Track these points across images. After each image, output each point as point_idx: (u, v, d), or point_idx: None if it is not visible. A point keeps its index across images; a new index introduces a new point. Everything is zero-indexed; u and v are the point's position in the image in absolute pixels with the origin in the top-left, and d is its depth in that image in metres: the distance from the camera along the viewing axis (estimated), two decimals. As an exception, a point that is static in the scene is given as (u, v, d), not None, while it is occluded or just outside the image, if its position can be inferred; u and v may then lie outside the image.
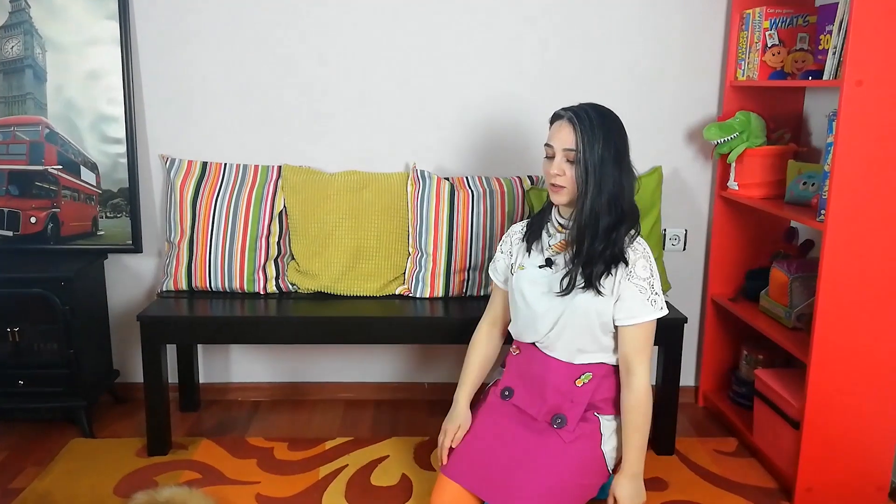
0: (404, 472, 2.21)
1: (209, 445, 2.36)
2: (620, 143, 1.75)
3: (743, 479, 2.21)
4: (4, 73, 2.44)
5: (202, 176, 2.47)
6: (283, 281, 2.47)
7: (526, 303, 1.85)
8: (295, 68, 2.51)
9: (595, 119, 1.72)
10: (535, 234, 1.89)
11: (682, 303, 2.58)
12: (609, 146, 1.71)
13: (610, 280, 1.75)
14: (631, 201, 1.78)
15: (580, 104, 1.77)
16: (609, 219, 1.72)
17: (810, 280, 2.19)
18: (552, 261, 1.83)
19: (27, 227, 2.50)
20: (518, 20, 2.49)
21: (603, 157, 1.70)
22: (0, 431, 2.45)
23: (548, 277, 1.82)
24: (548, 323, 1.82)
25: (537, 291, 1.83)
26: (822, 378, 1.98)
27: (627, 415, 1.77)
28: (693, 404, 2.76)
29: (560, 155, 1.74)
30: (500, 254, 1.99)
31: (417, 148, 2.56)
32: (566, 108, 1.76)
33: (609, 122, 1.74)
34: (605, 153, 1.70)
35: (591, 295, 1.75)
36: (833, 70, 1.94)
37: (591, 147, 1.70)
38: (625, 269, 1.74)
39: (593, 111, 1.74)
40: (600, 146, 1.70)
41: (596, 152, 1.70)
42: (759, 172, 2.36)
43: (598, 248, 1.72)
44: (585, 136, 1.70)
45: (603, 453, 1.82)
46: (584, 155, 1.70)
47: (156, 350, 2.23)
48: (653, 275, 1.77)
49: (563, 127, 1.74)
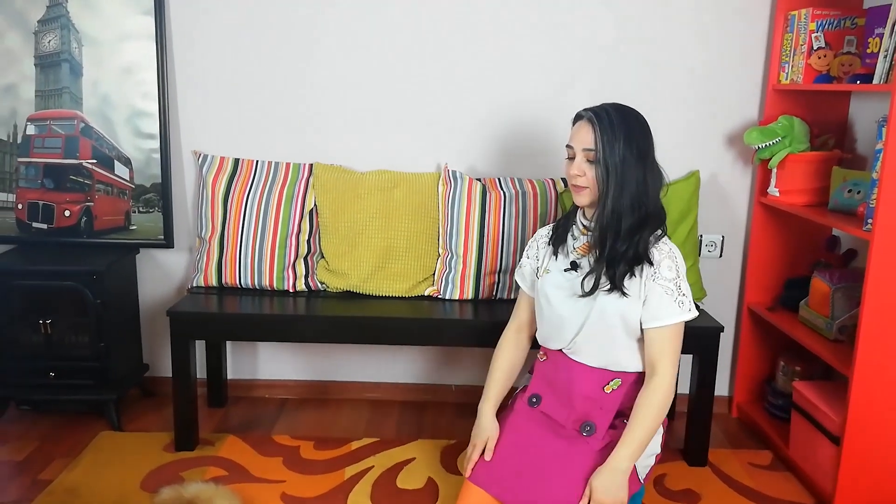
0: (430, 476, 2.19)
1: (235, 442, 2.36)
2: (643, 143, 1.70)
3: (778, 493, 2.15)
4: (42, 66, 2.46)
5: (234, 172, 2.47)
6: (312, 279, 2.46)
7: (551, 307, 1.81)
8: (328, 66, 2.50)
9: (615, 118, 1.68)
10: (561, 237, 1.85)
11: (717, 311, 2.52)
12: (630, 145, 1.67)
13: (635, 282, 1.70)
14: (656, 201, 1.74)
15: (602, 104, 1.74)
16: (632, 219, 1.68)
17: (853, 291, 2.12)
18: (577, 264, 1.79)
19: (61, 221, 2.52)
20: (553, 23, 2.45)
21: (624, 156, 1.66)
22: (30, 423, 2.48)
23: (572, 281, 1.78)
24: (573, 327, 1.78)
25: (562, 295, 1.79)
26: (865, 392, 1.92)
27: (637, 409, 1.70)
28: (726, 415, 2.69)
29: (580, 155, 1.70)
30: (527, 259, 1.95)
31: (449, 148, 2.54)
32: (587, 108, 1.73)
33: (631, 120, 1.70)
34: (627, 152, 1.66)
35: (615, 297, 1.71)
36: (884, 74, 1.87)
37: (611, 147, 1.66)
38: (650, 269, 1.70)
39: (614, 110, 1.70)
40: (621, 146, 1.66)
41: (617, 152, 1.66)
42: (801, 179, 2.30)
43: (620, 249, 1.68)
44: (605, 135, 1.66)
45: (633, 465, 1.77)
46: (604, 154, 1.66)
47: (185, 345, 2.23)
48: (679, 275, 1.72)
49: (582, 127, 1.71)
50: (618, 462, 1.66)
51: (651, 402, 1.69)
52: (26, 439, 2.36)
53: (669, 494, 2.13)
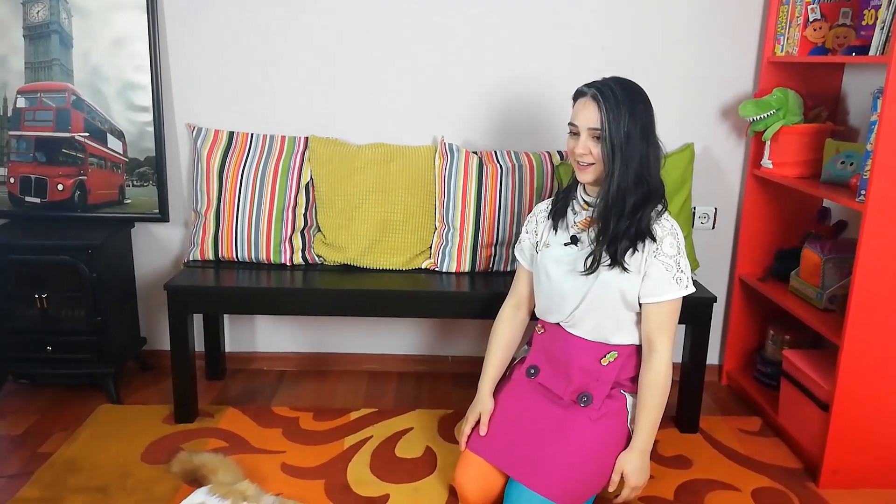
0: (428, 445, 2.22)
1: (235, 414, 2.38)
2: (646, 117, 1.71)
3: (767, 458, 2.21)
4: (31, 38, 2.42)
5: (229, 146, 2.45)
6: (309, 253, 2.46)
7: (550, 281, 1.83)
8: (323, 39, 2.47)
9: (620, 94, 1.67)
10: (561, 211, 1.87)
11: (709, 282, 2.56)
12: (635, 121, 1.67)
13: (637, 257, 1.73)
14: (657, 176, 1.75)
15: (604, 79, 1.73)
16: (636, 196, 1.69)
17: (844, 261, 2.16)
18: (577, 238, 1.81)
19: (54, 195, 2.50)
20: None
21: (629, 133, 1.66)
22: (29, 397, 2.48)
23: (573, 255, 1.80)
24: (573, 302, 1.80)
25: (562, 270, 1.81)
26: (855, 361, 1.96)
27: (644, 391, 1.76)
28: (717, 383, 2.75)
29: (585, 133, 1.70)
30: (526, 234, 1.96)
31: (446, 121, 2.53)
32: (589, 85, 1.71)
33: (634, 95, 1.70)
34: (632, 129, 1.66)
35: (616, 272, 1.73)
36: (880, 45, 1.89)
37: (616, 124, 1.65)
38: (652, 245, 1.72)
39: (617, 86, 1.69)
40: (626, 122, 1.66)
41: (622, 129, 1.66)
42: (794, 151, 2.32)
43: (623, 226, 1.70)
44: (611, 113, 1.66)
45: (629, 430, 1.81)
46: (611, 133, 1.66)
47: (182, 319, 2.24)
48: (680, 252, 1.75)
49: (587, 105, 1.70)
50: (641, 444, 1.76)
51: (655, 381, 1.74)
52: (25, 413, 2.37)
53: (662, 460, 2.18)
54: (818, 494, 2.03)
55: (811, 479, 2.11)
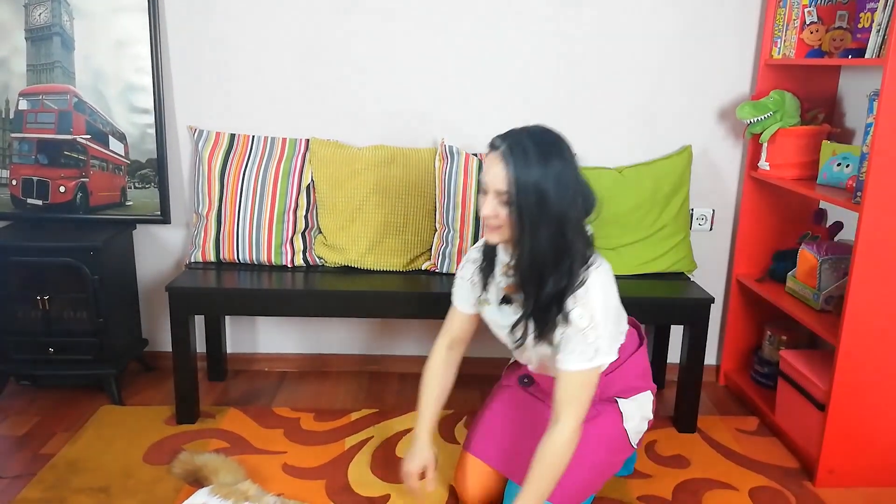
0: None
1: (236, 415, 2.39)
2: (565, 174, 1.51)
3: (764, 458, 2.22)
4: (32, 40, 2.43)
5: (230, 148, 2.47)
6: (310, 254, 2.47)
7: (499, 339, 1.78)
8: (324, 41, 2.48)
9: (533, 151, 1.49)
10: (489, 268, 1.74)
11: (707, 282, 2.58)
12: (550, 181, 1.49)
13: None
14: (580, 238, 1.57)
15: (522, 130, 1.55)
16: (553, 267, 1.54)
17: (840, 262, 2.18)
18: (510, 298, 1.70)
19: (56, 197, 2.51)
20: (546, 1, 2.46)
21: (542, 196, 1.48)
22: (31, 398, 2.49)
23: (510, 317, 1.69)
24: (526, 360, 1.78)
25: (504, 332, 1.72)
26: (851, 361, 1.98)
27: (539, 461, 1.61)
28: (714, 383, 2.77)
29: (493, 194, 1.54)
30: (461, 280, 1.84)
31: (446, 123, 2.55)
32: (502, 136, 1.54)
33: (551, 149, 1.52)
34: (546, 190, 1.48)
35: (545, 345, 1.63)
36: (876, 48, 1.90)
37: (525, 189, 1.48)
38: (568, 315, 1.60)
39: (530, 141, 1.51)
40: (538, 184, 1.48)
41: (532, 193, 1.48)
42: (791, 153, 2.34)
43: (544, 302, 1.56)
44: (521, 173, 1.48)
45: (626, 430, 1.83)
46: (518, 198, 1.49)
47: (184, 321, 2.25)
48: (592, 323, 1.57)
49: (495, 162, 1.52)
50: None
51: (553, 452, 1.60)
52: (27, 414, 2.38)
53: (660, 460, 2.20)
54: (815, 493, 2.05)
55: (808, 478, 2.12)
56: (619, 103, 2.54)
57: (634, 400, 1.86)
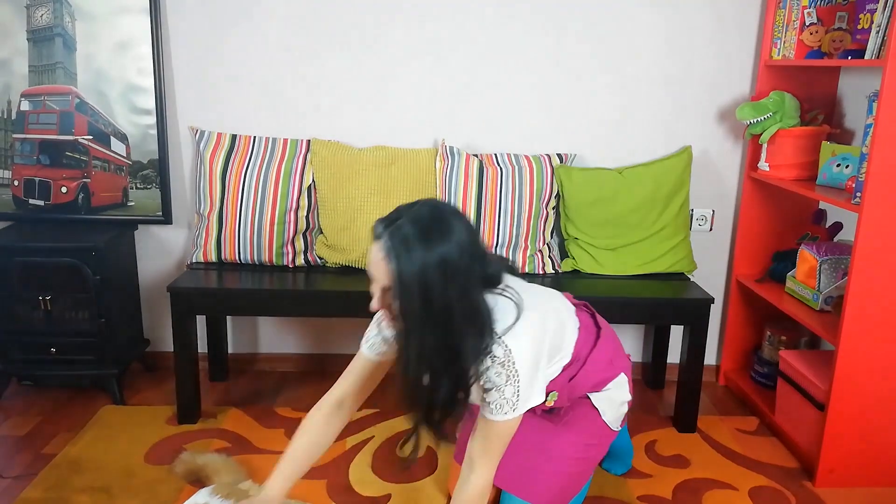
0: (429, 445, 2.24)
1: (238, 415, 2.40)
2: (451, 254, 1.34)
3: (764, 457, 2.23)
4: (34, 41, 2.44)
5: (231, 148, 2.47)
6: (311, 255, 2.48)
7: None
8: (325, 42, 2.49)
9: (413, 237, 1.33)
10: None
11: (707, 283, 2.59)
12: (429, 271, 1.33)
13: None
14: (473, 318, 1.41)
15: (407, 210, 1.38)
16: (442, 373, 1.41)
17: (840, 263, 2.19)
18: None
19: (58, 197, 2.52)
20: (547, 1, 2.47)
21: (425, 288, 1.33)
22: (33, 398, 2.50)
23: None
24: None
25: None
26: (850, 361, 1.99)
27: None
28: (714, 383, 2.78)
29: (378, 288, 1.41)
30: (377, 326, 1.72)
31: (446, 124, 2.55)
32: (385, 222, 1.37)
33: (433, 232, 1.35)
34: (428, 280, 1.33)
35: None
36: (876, 49, 1.91)
37: (407, 285, 1.33)
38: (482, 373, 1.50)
39: (412, 226, 1.34)
40: (422, 274, 1.33)
41: (415, 287, 1.33)
42: (791, 153, 2.34)
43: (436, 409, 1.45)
44: (402, 266, 1.33)
45: (605, 422, 1.83)
46: (400, 297, 1.35)
47: (185, 321, 2.25)
48: (508, 381, 1.48)
49: (376, 255, 1.37)
50: None
51: (467, 500, 1.56)
52: (29, 415, 2.39)
53: (660, 460, 2.20)
54: (814, 493, 2.06)
55: (807, 477, 2.13)
56: (620, 104, 2.55)
57: (607, 391, 1.82)
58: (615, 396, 1.84)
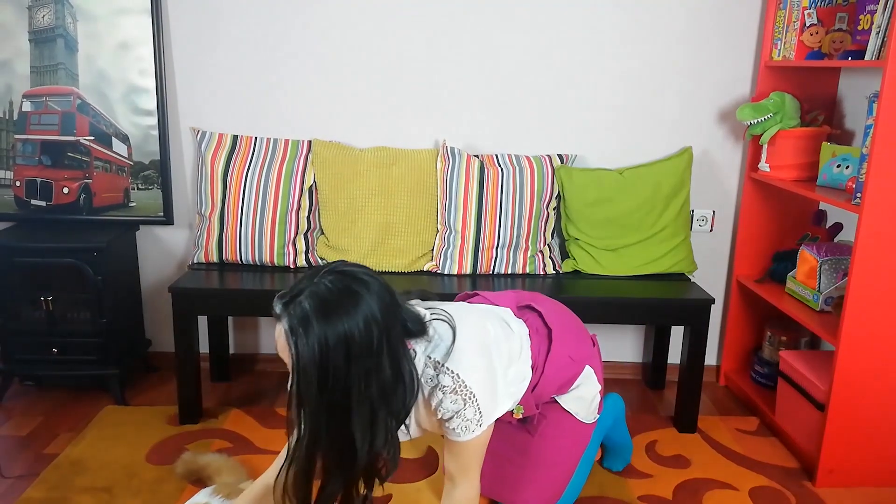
0: (430, 445, 2.25)
1: (239, 415, 2.40)
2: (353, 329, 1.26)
3: (765, 458, 2.23)
4: (36, 42, 2.44)
5: (233, 149, 2.48)
6: (312, 255, 2.49)
7: None
8: (325, 43, 2.50)
9: (313, 316, 1.24)
10: None
11: (707, 283, 2.59)
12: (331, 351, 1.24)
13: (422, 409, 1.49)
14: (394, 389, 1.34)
15: (308, 282, 1.30)
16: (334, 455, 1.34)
17: (840, 263, 2.19)
18: None
19: (60, 198, 2.52)
20: (548, 1, 2.47)
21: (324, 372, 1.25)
22: (34, 398, 2.50)
23: None
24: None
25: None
26: (851, 361, 1.99)
27: None
28: (715, 383, 2.78)
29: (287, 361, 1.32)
30: None
31: (447, 125, 2.56)
32: (284, 300, 1.31)
33: (335, 307, 1.26)
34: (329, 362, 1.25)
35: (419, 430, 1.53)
36: (876, 50, 1.91)
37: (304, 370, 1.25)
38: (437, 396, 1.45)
39: (311, 301, 1.26)
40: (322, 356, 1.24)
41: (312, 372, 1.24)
42: (791, 154, 2.35)
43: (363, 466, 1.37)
44: (301, 348, 1.24)
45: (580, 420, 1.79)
46: (298, 381, 1.26)
47: (187, 321, 2.26)
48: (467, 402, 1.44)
49: (278, 330, 1.30)
50: None
51: None
52: (30, 415, 2.39)
53: (660, 460, 2.21)
54: (815, 493, 2.06)
55: (808, 478, 2.13)
56: (620, 105, 2.56)
57: (574, 390, 1.77)
58: (584, 394, 1.77)
